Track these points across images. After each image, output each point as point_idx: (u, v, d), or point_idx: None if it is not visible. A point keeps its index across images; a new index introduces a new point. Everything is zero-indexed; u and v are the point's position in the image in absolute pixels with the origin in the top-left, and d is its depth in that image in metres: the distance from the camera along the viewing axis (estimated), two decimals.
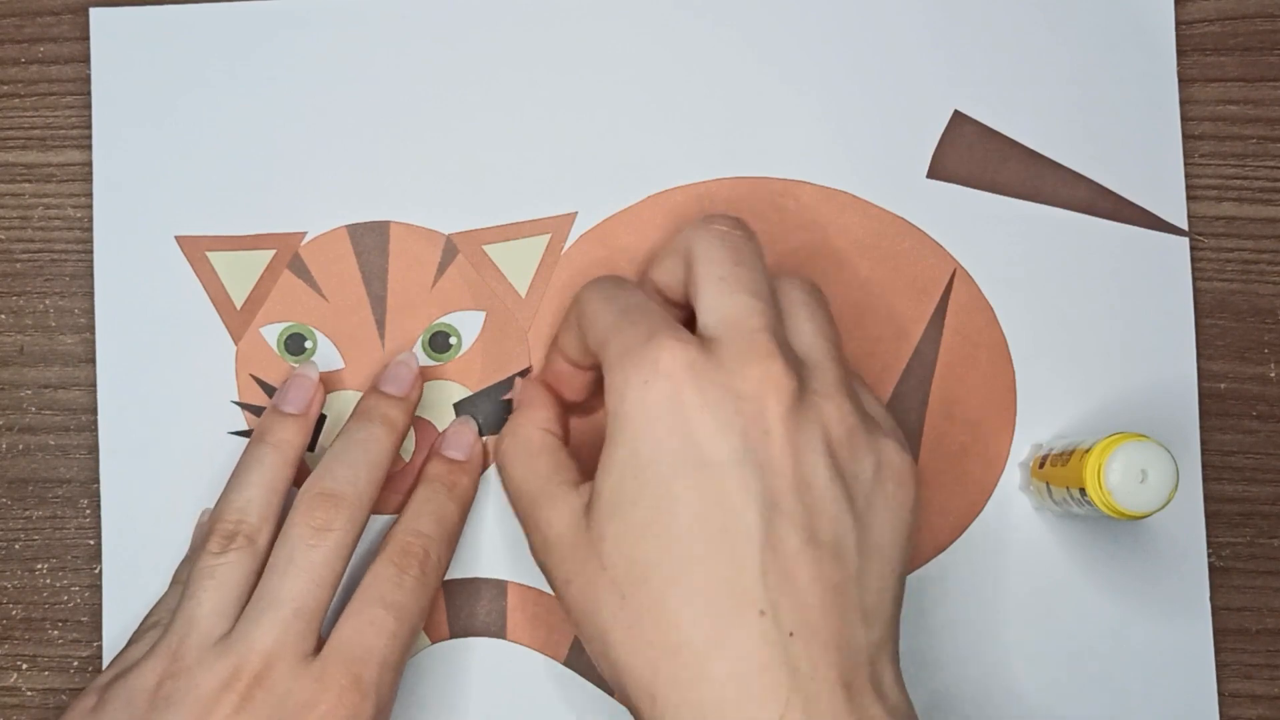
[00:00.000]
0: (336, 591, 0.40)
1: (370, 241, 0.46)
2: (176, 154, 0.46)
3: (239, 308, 0.46)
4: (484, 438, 0.45)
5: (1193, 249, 0.46)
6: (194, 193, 0.46)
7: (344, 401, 0.45)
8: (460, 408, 0.45)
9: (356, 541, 0.40)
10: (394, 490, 0.45)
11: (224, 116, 0.46)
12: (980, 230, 0.46)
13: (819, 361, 0.38)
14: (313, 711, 0.37)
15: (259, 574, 0.40)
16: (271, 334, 0.45)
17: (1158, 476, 0.39)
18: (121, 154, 0.46)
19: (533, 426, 0.41)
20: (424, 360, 0.45)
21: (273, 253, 0.46)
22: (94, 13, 0.46)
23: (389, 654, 0.39)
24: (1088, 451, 0.40)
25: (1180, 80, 0.46)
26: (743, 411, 0.35)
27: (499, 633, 0.45)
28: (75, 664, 0.45)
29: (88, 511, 0.46)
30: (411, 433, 0.45)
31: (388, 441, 0.42)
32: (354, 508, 0.40)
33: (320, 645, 0.39)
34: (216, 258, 0.46)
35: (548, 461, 0.40)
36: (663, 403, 0.36)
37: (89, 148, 0.46)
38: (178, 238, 0.46)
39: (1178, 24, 0.47)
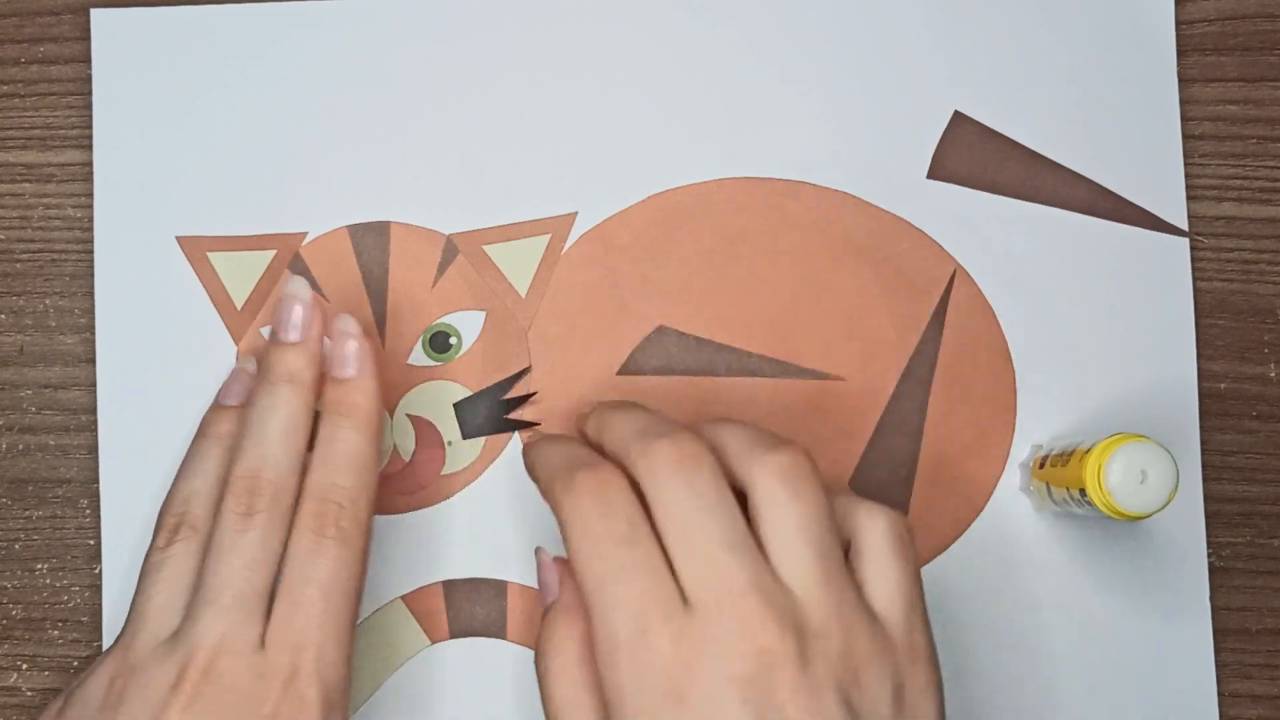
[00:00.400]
0: (275, 568, 0.38)
1: (371, 241, 0.46)
2: (177, 154, 0.46)
3: (239, 308, 0.46)
4: (474, 442, 0.45)
5: (1193, 249, 0.46)
6: (194, 193, 0.46)
7: None
8: (460, 408, 0.45)
9: (289, 514, 0.39)
10: (396, 491, 0.45)
11: (224, 117, 0.46)
12: (980, 230, 0.46)
13: (802, 585, 0.35)
14: (261, 708, 0.37)
15: None
16: None
17: (1158, 477, 0.39)
18: (121, 154, 0.46)
19: (569, 678, 0.37)
20: (424, 360, 0.45)
21: (273, 253, 0.46)
22: (95, 13, 0.46)
23: (325, 633, 0.38)
24: (1088, 452, 0.40)
25: (1180, 80, 0.46)
26: (750, 699, 0.33)
27: (499, 633, 0.45)
28: (75, 664, 0.45)
29: (88, 511, 0.46)
30: (411, 432, 0.45)
31: (297, 400, 0.40)
32: (275, 484, 0.39)
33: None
34: (217, 258, 0.46)
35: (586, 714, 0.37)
36: (665, 702, 0.34)
37: (89, 148, 0.46)
38: (178, 238, 0.46)
39: (1178, 24, 0.47)
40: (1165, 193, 0.46)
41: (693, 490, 0.36)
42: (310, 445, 0.40)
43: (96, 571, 0.45)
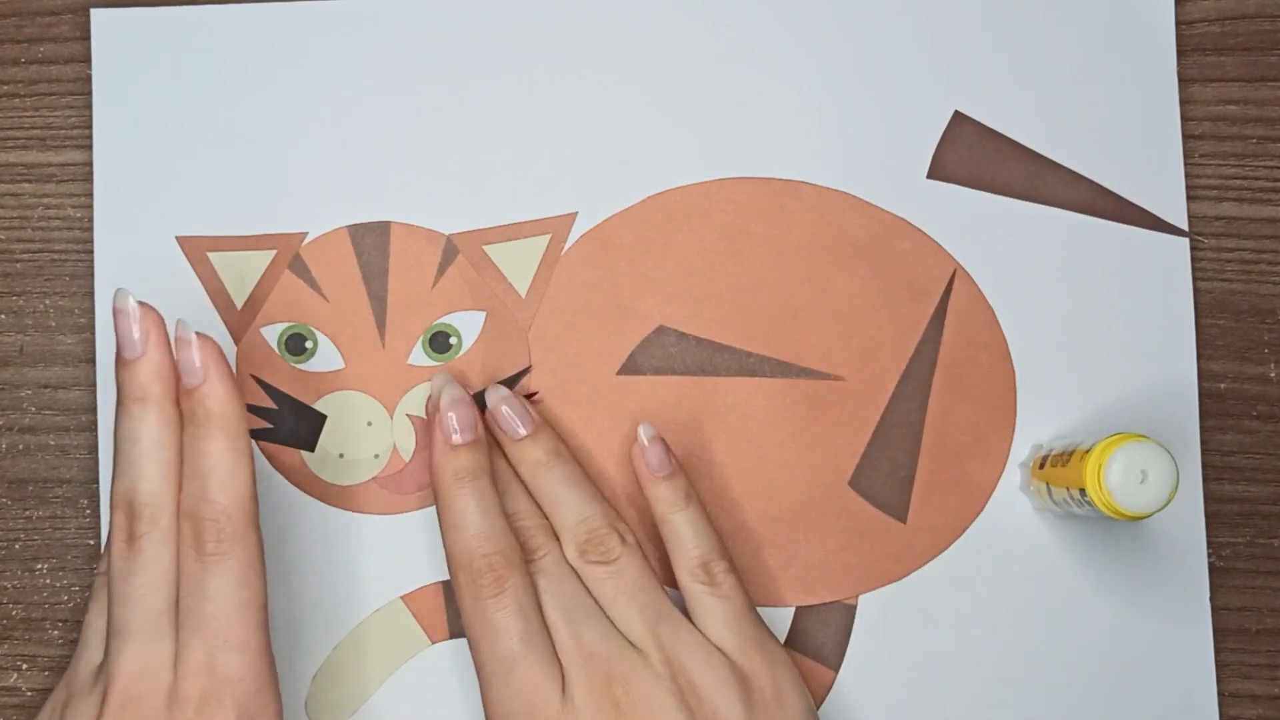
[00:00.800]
0: (173, 585, 0.38)
1: (371, 241, 0.46)
2: (177, 154, 0.46)
3: (239, 308, 0.46)
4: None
5: (1193, 249, 0.46)
6: (195, 193, 0.46)
7: (344, 401, 0.45)
8: None
9: (174, 530, 0.39)
10: (396, 491, 0.45)
11: (225, 117, 0.46)
12: (980, 230, 0.46)
13: (640, 641, 0.41)
14: None
15: None
16: (272, 334, 0.45)
17: (1158, 477, 0.39)
18: (121, 154, 0.46)
19: None
20: (424, 360, 0.45)
21: (273, 253, 0.46)
22: (95, 13, 0.46)
23: (228, 651, 0.38)
24: (1088, 452, 0.40)
25: (1180, 80, 0.46)
26: None
27: None
28: None
29: (88, 511, 0.46)
30: (411, 431, 0.45)
31: (152, 417, 0.39)
32: (150, 506, 0.38)
33: None
34: (217, 258, 0.46)
35: None
36: None
37: (89, 148, 0.46)
38: (178, 238, 0.46)
39: (1178, 24, 0.47)
40: (1165, 193, 0.46)
41: (547, 578, 0.41)
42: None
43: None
